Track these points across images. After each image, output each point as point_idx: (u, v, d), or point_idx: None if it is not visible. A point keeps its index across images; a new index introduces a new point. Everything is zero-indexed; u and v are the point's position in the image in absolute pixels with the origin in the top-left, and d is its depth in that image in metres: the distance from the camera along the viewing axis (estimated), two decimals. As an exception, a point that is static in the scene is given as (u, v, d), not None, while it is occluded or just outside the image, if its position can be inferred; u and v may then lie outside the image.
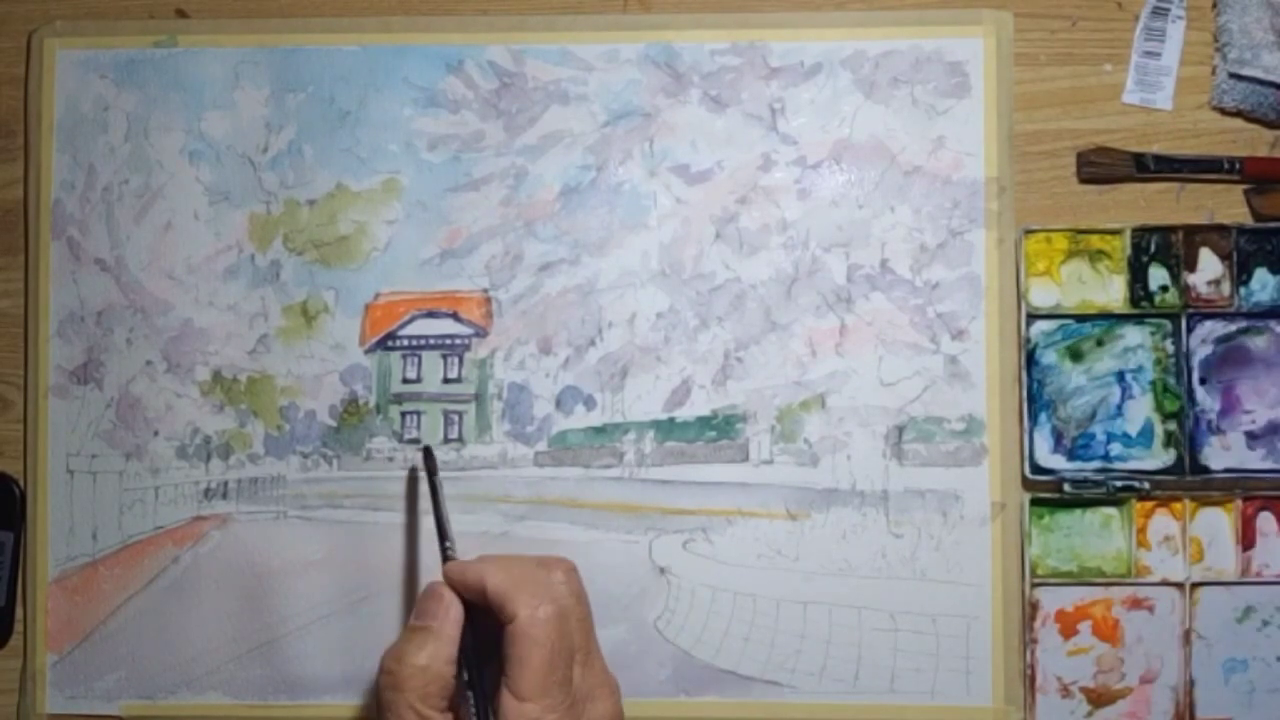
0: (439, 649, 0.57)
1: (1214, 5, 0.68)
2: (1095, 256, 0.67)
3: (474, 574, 0.58)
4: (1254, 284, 0.67)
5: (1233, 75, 0.67)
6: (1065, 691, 0.66)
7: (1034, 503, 0.66)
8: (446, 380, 0.68)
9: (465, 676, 0.57)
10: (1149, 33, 0.68)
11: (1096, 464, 0.66)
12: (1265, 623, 0.66)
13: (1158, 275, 0.67)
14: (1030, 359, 0.67)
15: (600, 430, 0.68)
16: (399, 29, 0.69)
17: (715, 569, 0.67)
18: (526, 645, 0.56)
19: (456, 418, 0.68)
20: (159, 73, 0.69)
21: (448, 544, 0.62)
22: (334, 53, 0.69)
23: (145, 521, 0.68)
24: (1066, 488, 0.66)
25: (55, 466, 0.69)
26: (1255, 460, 0.66)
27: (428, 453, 0.66)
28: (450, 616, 0.57)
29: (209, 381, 0.69)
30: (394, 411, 0.68)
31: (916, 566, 0.67)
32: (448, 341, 0.68)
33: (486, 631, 0.59)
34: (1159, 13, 0.68)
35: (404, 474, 0.68)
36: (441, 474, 0.67)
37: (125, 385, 0.69)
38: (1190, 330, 0.66)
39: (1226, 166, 0.67)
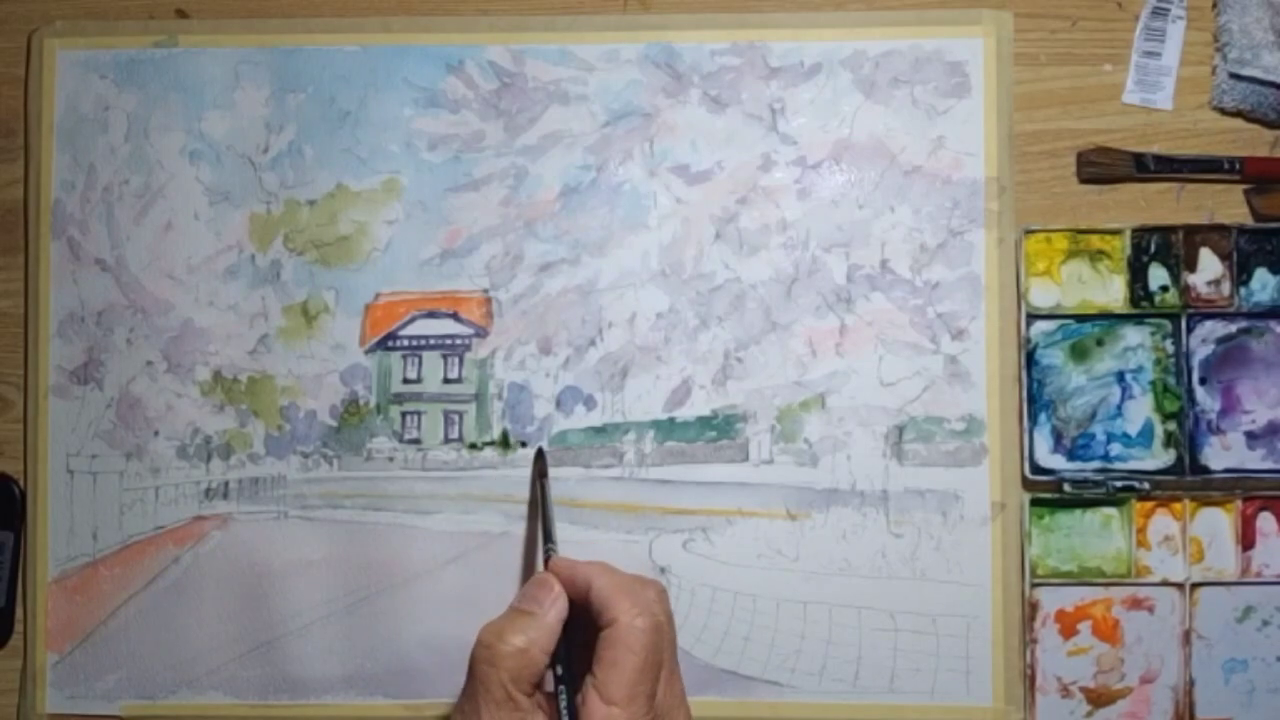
0: (539, 636, 0.57)
1: (1214, 5, 0.68)
2: (1095, 256, 0.67)
3: (582, 573, 0.58)
4: (1254, 284, 0.67)
5: (1233, 75, 0.67)
6: (1065, 691, 0.66)
7: (1034, 503, 0.66)
8: (447, 380, 0.68)
9: (559, 670, 0.57)
10: (1149, 33, 0.68)
11: (1096, 464, 0.66)
12: (1265, 623, 0.66)
13: (1158, 275, 0.67)
14: (1030, 359, 0.67)
15: (600, 430, 0.68)
16: (399, 29, 0.69)
17: (715, 569, 0.67)
18: (622, 650, 0.56)
19: (457, 418, 0.68)
20: (159, 73, 0.69)
21: (550, 545, 0.62)
22: (334, 53, 0.69)
23: (145, 521, 0.68)
24: (1066, 488, 0.66)
25: (55, 466, 0.69)
26: (1255, 460, 0.66)
27: (540, 454, 0.67)
28: (556, 606, 0.58)
29: (209, 381, 0.69)
30: (394, 411, 0.68)
31: (916, 566, 0.67)
32: (448, 341, 0.68)
33: (574, 635, 0.59)
34: (1159, 13, 0.68)
35: (404, 473, 0.68)
36: (442, 473, 0.67)
37: (125, 385, 0.69)
38: (1190, 330, 0.66)
39: (1226, 166, 0.67)
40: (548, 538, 0.62)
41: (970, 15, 0.68)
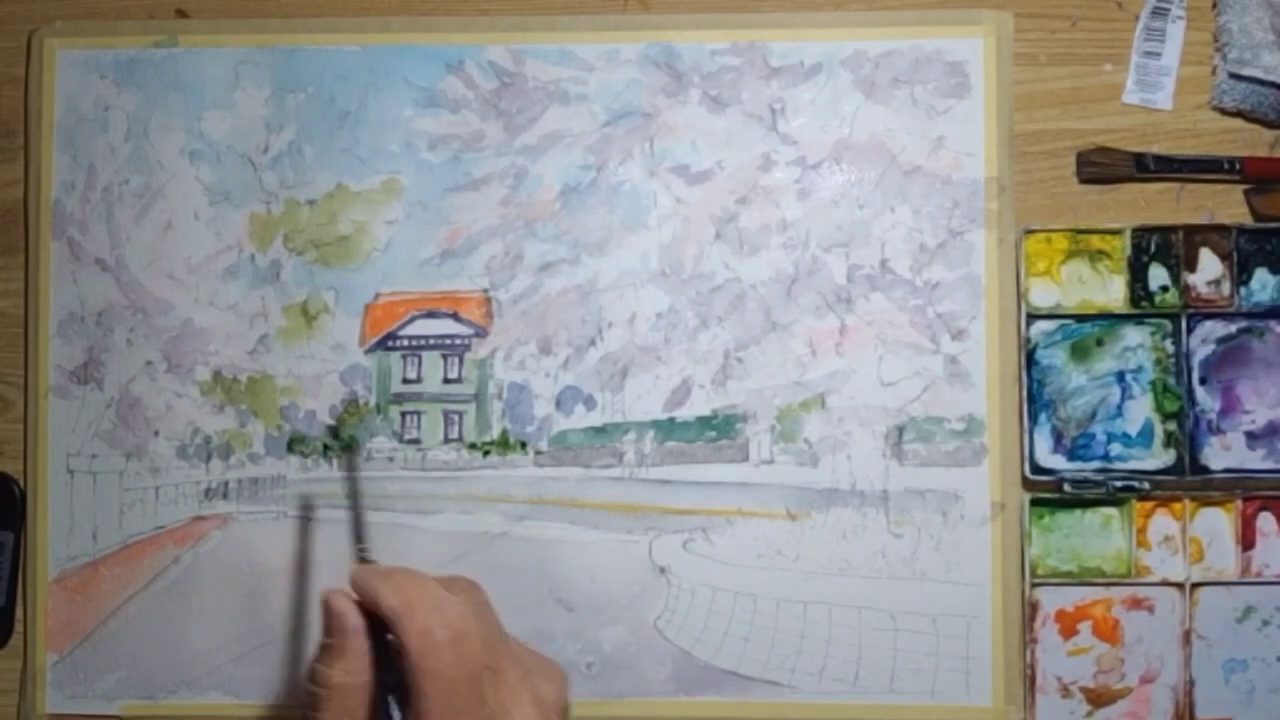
0: (348, 662, 0.54)
1: (1214, 5, 0.68)
2: (1095, 256, 0.67)
3: (371, 592, 0.55)
4: (1254, 284, 0.67)
5: (1233, 75, 0.67)
6: (1065, 691, 0.66)
7: (1034, 503, 0.66)
8: (446, 380, 0.68)
9: (388, 679, 0.54)
10: (1149, 33, 0.68)
11: (1096, 464, 0.66)
12: (1265, 623, 0.66)
13: (1158, 275, 0.67)
14: (1030, 359, 0.67)
15: (600, 430, 0.68)
16: (399, 29, 0.69)
17: (715, 569, 0.67)
18: (424, 678, 0.52)
19: (456, 418, 0.68)
20: (159, 73, 0.69)
21: (361, 546, 0.60)
22: (334, 53, 0.69)
23: (145, 521, 0.68)
24: (1066, 488, 0.66)
25: (55, 466, 0.69)
26: (1255, 460, 0.66)
27: (351, 448, 0.66)
28: (349, 628, 0.54)
29: (209, 381, 0.69)
30: (394, 411, 0.68)
31: (916, 566, 0.67)
32: (448, 341, 0.68)
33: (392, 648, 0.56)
34: (1159, 13, 0.68)
35: (404, 473, 0.68)
36: (442, 473, 0.67)
37: (125, 385, 0.69)
38: (1190, 330, 0.66)
39: (1226, 166, 0.67)
40: (360, 539, 0.60)
41: (970, 15, 0.68)
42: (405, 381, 0.69)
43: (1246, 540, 0.66)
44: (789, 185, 0.68)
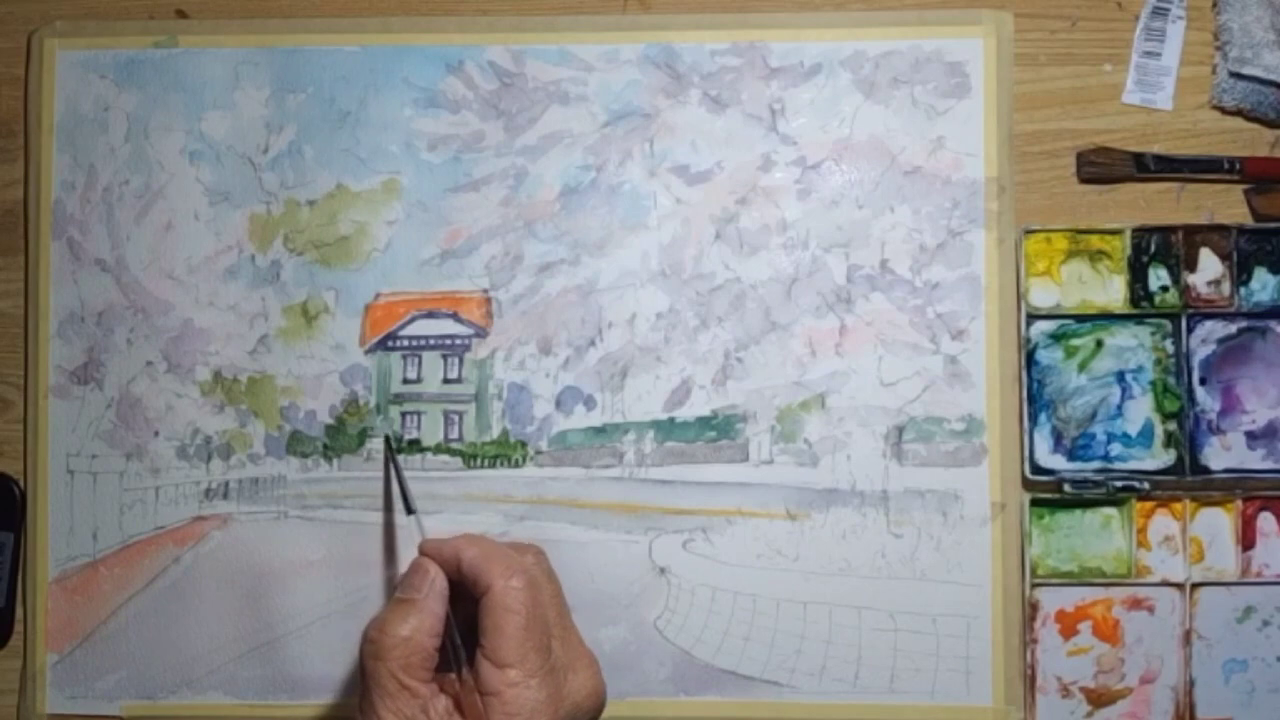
0: (422, 620, 0.58)
1: (1214, 4, 0.68)
2: (1095, 256, 0.67)
3: (450, 549, 0.60)
4: (1254, 284, 0.67)
5: (1233, 74, 0.67)
6: (1065, 691, 0.66)
7: (1034, 503, 0.66)
8: (446, 380, 0.68)
9: (457, 640, 0.59)
10: (1149, 33, 0.68)
11: (1096, 464, 0.66)
12: (1265, 623, 0.66)
13: (1158, 275, 0.67)
14: (1030, 359, 0.67)
15: (600, 430, 0.68)
16: (399, 29, 0.69)
17: (715, 569, 0.67)
18: (501, 613, 0.57)
19: (456, 418, 0.68)
20: (159, 73, 0.69)
21: (414, 511, 0.64)
22: (334, 53, 0.69)
23: (145, 521, 0.68)
24: (1066, 488, 0.66)
25: (55, 466, 0.69)
26: (1255, 460, 0.66)
27: (386, 440, 0.68)
28: (435, 589, 0.59)
29: (209, 381, 0.69)
30: (394, 412, 0.68)
31: (916, 566, 0.67)
32: (448, 342, 0.68)
33: (461, 612, 0.60)
34: (1159, 13, 0.68)
35: (404, 474, 0.68)
36: (442, 473, 0.67)
37: (125, 385, 0.69)
38: (1190, 330, 0.66)
39: (1226, 166, 0.67)
40: (409, 507, 0.64)
41: (970, 15, 0.68)
42: (405, 382, 0.69)
43: (1246, 540, 0.66)
44: (789, 185, 0.68)
